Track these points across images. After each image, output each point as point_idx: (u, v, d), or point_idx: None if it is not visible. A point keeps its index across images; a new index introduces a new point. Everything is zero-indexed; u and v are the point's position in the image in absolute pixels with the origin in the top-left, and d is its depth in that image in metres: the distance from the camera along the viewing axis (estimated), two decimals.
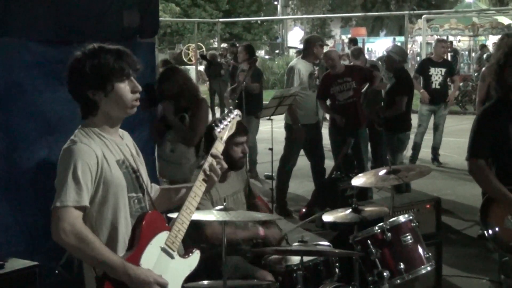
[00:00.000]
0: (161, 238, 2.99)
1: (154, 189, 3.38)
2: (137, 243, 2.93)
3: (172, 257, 3.00)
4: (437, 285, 5.74)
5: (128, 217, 3.07)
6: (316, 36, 9.80)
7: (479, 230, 6.98)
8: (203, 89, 18.15)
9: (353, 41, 15.95)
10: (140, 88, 3.08)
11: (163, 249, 2.98)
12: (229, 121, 3.31)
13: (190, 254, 3.12)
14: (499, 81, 4.45)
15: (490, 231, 4.41)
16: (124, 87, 3.03)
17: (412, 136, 10.05)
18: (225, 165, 3.23)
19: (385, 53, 10.69)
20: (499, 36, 11.20)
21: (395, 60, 9.23)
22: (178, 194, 3.36)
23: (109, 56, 3.00)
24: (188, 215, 3.07)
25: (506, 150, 4.35)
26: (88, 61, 3.00)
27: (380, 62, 12.40)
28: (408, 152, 10.42)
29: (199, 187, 3.11)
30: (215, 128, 3.25)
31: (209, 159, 3.15)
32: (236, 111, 3.39)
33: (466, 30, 26.73)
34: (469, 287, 6.03)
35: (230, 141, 4.60)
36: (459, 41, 29.78)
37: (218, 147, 3.22)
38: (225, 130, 3.29)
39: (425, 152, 11.59)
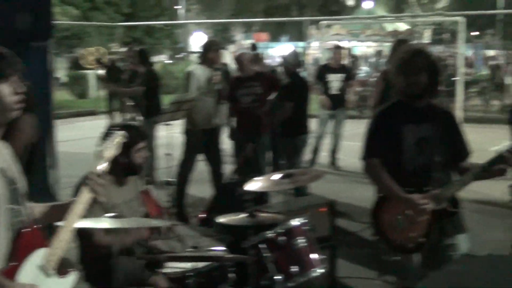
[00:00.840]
0: (38, 256, 2.87)
1: (36, 205, 3.21)
2: (14, 259, 2.81)
3: (48, 275, 2.88)
4: (332, 286, 5.81)
5: (7, 230, 2.89)
6: (212, 41, 9.79)
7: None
8: (103, 94, 17.97)
9: (253, 46, 16.03)
10: (24, 89, 2.93)
11: (40, 267, 2.86)
12: (113, 143, 3.25)
13: (67, 274, 3.00)
14: (395, 85, 4.58)
15: (380, 231, 4.53)
16: (4, 89, 2.89)
17: (311, 141, 10.20)
18: (104, 183, 3.15)
19: (282, 58, 10.81)
20: (395, 40, 11.44)
21: (289, 65, 9.41)
22: (59, 211, 3.18)
23: None
24: (68, 232, 2.96)
25: (399, 151, 4.47)
26: None
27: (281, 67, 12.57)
28: (308, 156, 10.59)
29: (80, 203, 3.03)
30: (100, 147, 3.20)
31: (91, 177, 3.08)
32: (121, 132, 3.32)
33: (365, 36, 27.40)
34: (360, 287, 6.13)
35: (130, 148, 4.57)
36: (357, 46, 30.38)
37: (101, 167, 3.14)
38: (108, 150, 3.22)
39: (324, 156, 11.79)
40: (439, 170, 4.38)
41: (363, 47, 28.24)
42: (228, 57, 17.56)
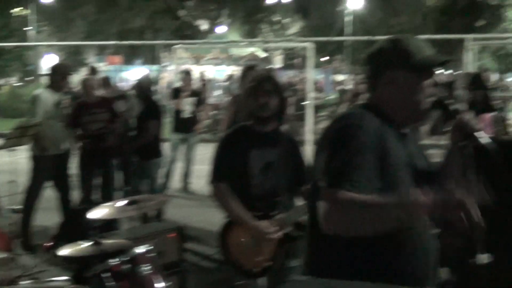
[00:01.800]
0: None
1: None
2: None
3: None
4: None
5: None
6: (60, 65, 9.58)
7: None
8: None
9: (92, 69, 15.70)
10: None
11: None
12: None
13: None
14: (244, 109, 4.65)
15: (228, 255, 4.55)
16: None
17: (164, 165, 10.17)
18: None
19: (135, 82, 10.79)
20: (244, 65, 11.64)
21: (142, 89, 9.45)
22: None
23: None
24: None
25: (246, 176, 4.51)
26: None
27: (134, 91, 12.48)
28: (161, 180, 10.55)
29: None
30: None
31: None
32: None
33: (222, 60, 27.74)
34: None
35: None
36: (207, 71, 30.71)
37: None
38: None
39: (177, 181, 11.77)
40: (284, 194, 4.47)
41: (215, 71, 28.53)
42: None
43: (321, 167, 2.55)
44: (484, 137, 2.53)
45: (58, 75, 8.49)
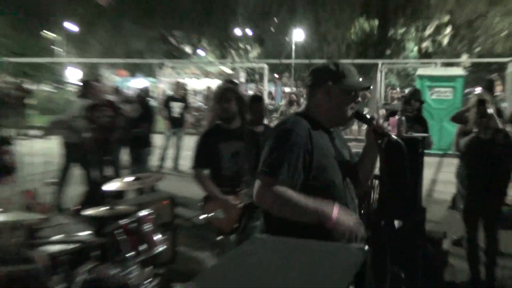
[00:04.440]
0: None
1: None
2: None
3: None
4: (173, 260, 5.81)
5: None
6: (86, 81, 9.24)
7: None
8: None
9: (99, 80, 15.33)
10: None
11: None
12: None
13: None
14: (212, 112, 4.69)
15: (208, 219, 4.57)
16: None
17: (157, 151, 10.14)
18: None
19: (137, 90, 10.75)
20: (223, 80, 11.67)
21: (142, 95, 9.63)
22: None
23: None
24: None
25: (218, 162, 4.54)
26: None
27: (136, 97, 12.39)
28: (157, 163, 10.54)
29: None
30: None
31: None
32: None
33: (201, 75, 27.68)
34: (200, 258, 6.10)
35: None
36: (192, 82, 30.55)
37: None
38: None
39: (169, 163, 11.71)
40: (247, 175, 4.50)
41: (197, 83, 28.39)
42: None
43: (264, 157, 2.57)
44: (393, 136, 2.59)
45: (84, 88, 8.46)
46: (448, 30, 27.55)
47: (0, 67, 28.06)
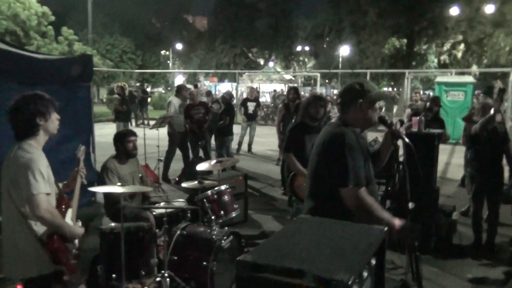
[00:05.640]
0: (69, 213, 2.71)
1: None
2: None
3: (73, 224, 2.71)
4: (245, 219, 5.83)
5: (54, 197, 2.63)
6: (181, 85, 9.35)
7: None
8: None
9: (196, 86, 15.46)
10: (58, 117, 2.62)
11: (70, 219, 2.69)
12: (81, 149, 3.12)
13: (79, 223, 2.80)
14: (305, 112, 4.60)
15: (293, 191, 4.51)
16: (55, 117, 2.60)
17: (236, 138, 10.15)
18: (84, 174, 2.96)
19: (223, 93, 10.75)
20: (288, 85, 11.45)
21: (226, 97, 9.40)
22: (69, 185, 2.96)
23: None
24: (76, 199, 2.82)
25: (302, 149, 4.42)
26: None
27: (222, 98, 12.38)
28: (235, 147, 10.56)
29: (78, 183, 2.92)
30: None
31: (79, 168, 2.95)
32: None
33: (269, 82, 27.58)
34: (265, 220, 6.01)
35: (124, 139, 4.40)
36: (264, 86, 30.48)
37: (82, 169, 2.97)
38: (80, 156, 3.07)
39: (244, 146, 11.75)
40: None
41: (268, 87, 28.29)
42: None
43: (340, 170, 2.29)
44: (406, 139, 2.45)
45: (181, 90, 8.54)
46: (462, 46, 26.39)
47: (130, 75, 29.17)
